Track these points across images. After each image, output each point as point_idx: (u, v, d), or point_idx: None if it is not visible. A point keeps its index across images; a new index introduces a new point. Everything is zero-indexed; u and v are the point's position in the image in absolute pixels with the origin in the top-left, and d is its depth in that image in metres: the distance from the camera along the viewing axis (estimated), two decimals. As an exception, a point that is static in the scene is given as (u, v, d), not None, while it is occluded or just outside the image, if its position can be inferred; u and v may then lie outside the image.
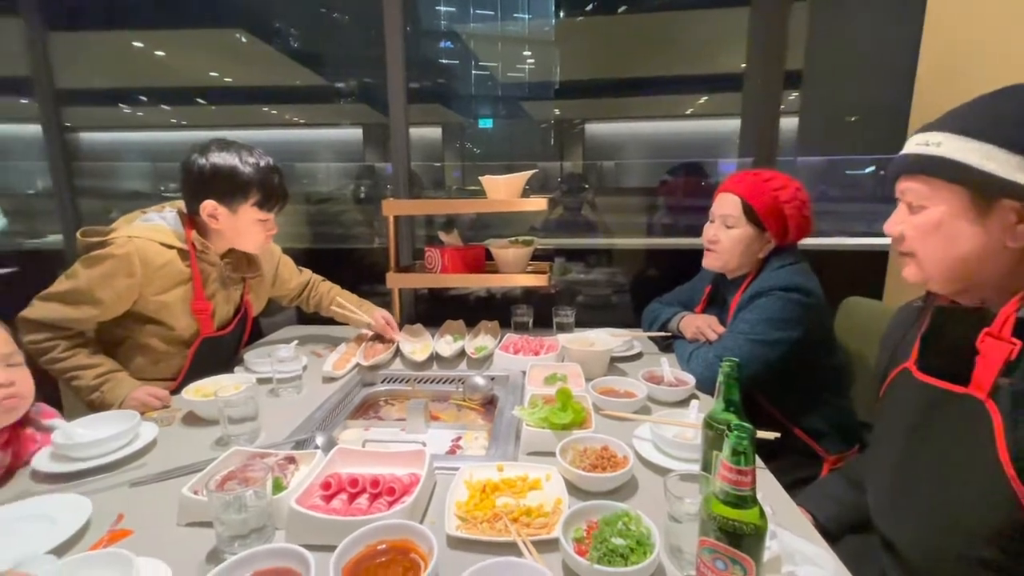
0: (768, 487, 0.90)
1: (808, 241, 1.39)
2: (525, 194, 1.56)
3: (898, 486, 0.84)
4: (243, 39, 4.92)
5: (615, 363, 1.47)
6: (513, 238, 1.71)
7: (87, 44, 3.37)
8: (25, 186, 3.01)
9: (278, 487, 0.83)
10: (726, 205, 1.33)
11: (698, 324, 1.42)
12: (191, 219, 1.27)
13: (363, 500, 0.81)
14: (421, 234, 2.17)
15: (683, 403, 1.17)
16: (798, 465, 1.27)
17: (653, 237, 2.41)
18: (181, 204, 1.30)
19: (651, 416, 1.07)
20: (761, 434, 0.95)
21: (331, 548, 0.66)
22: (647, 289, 1.79)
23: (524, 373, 1.33)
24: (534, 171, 1.60)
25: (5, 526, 0.78)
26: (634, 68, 5.39)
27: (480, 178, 1.58)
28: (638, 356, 1.55)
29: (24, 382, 0.95)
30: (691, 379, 1.24)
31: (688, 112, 6.17)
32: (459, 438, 1.16)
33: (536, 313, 1.76)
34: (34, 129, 2.01)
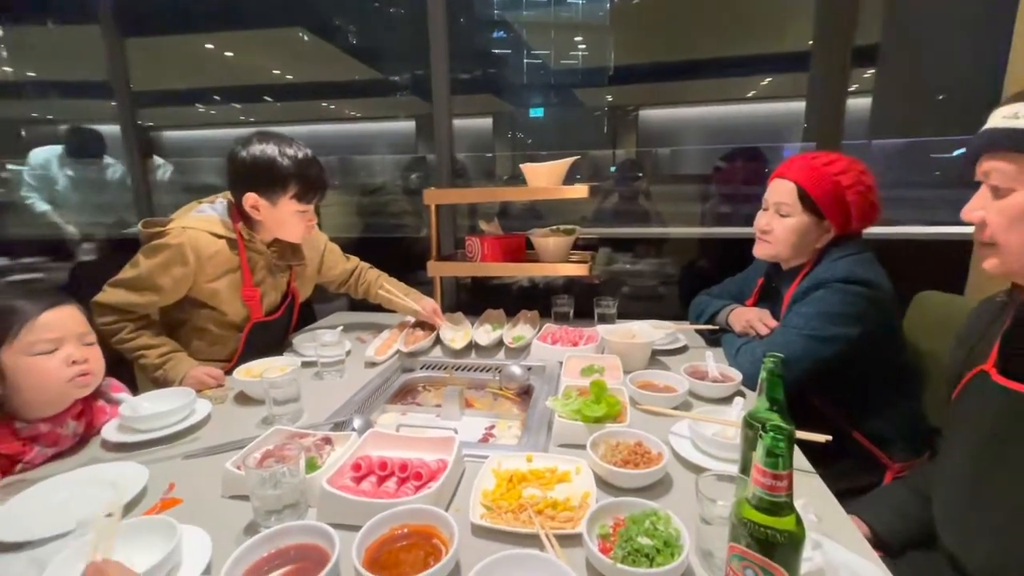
0: (816, 493, 0.83)
1: (877, 230, 1.27)
2: (574, 182, 1.52)
3: (970, 499, 0.76)
4: (305, 37, 5.12)
5: (657, 356, 1.42)
6: (555, 227, 1.68)
7: (164, 48, 3.62)
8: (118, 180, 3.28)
9: (312, 466, 0.86)
10: (780, 192, 1.24)
11: (748, 317, 1.34)
12: (238, 210, 1.33)
13: (391, 484, 0.83)
14: (466, 225, 2.18)
15: (727, 400, 1.11)
16: (857, 472, 1.18)
17: (706, 226, 2.31)
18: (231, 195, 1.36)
19: (690, 412, 1.02)
20: (810, 436, 0.89)
21: (357, 528, 0.68)
22: (697, 280, 1.71)
23: (561, 364, 1.31)
24: (576, 157, 1.56)
25: (76, 489, 0.85)
26: (692, 50, 5.15)
27: (520, 166, 1.56)
28: (682, 350, 1.49)
29: (96, 359, 1.03)
30: (738, 375, 1.18)
31: (750, 95, 5.83)
32: (493, 426, 1.16)
33: (578, 304, 1.73)
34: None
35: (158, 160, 2.64)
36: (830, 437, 0.86)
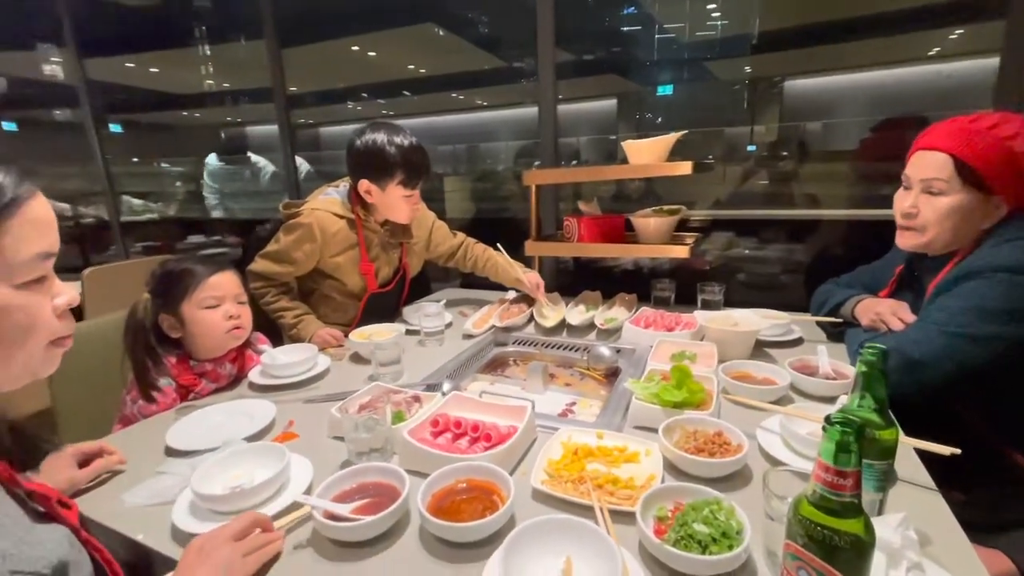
0: (934, 513, 0.71)
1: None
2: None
3: None
4: (440, 32, 5.46)
5: (763, 348, 1.30)
6: (657, 207, 1.61)
7: (317, 54, 4.12)
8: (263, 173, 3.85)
9: (400, 418, 0.96)
10: (928, 166, 1.04)
11: (879, 310, 1.16)
12: (356, 193, 1.49)
13: (464, 441, 0.89)
14: (572, 208, 2.18)
15: (834, 400, 0.99)
16: (1014, 501, 0.97)
17: (854, 208, 2.02)
18: None
19: (783, 407, 0.93)
20: (931, 446, 0.76)
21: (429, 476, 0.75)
22: (828, 268, 1.52)
23: (652, 348, 1.27)
24: (683, 132, 1.47)
25: (227, 416, 1.06)
26: (852, 6, 4.44)
27: (622, 143, 1.52)
28: (796, 342, 1.34)
29: (247, 316, 1.25)
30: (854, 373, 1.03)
31: (931, 53, 4.84)
32: (574, 403, 1.17)
33: (686, 290, 1.65)
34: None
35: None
36: (958, 450, 0.72)
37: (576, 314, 1.53)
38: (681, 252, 1.45)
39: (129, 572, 0.68)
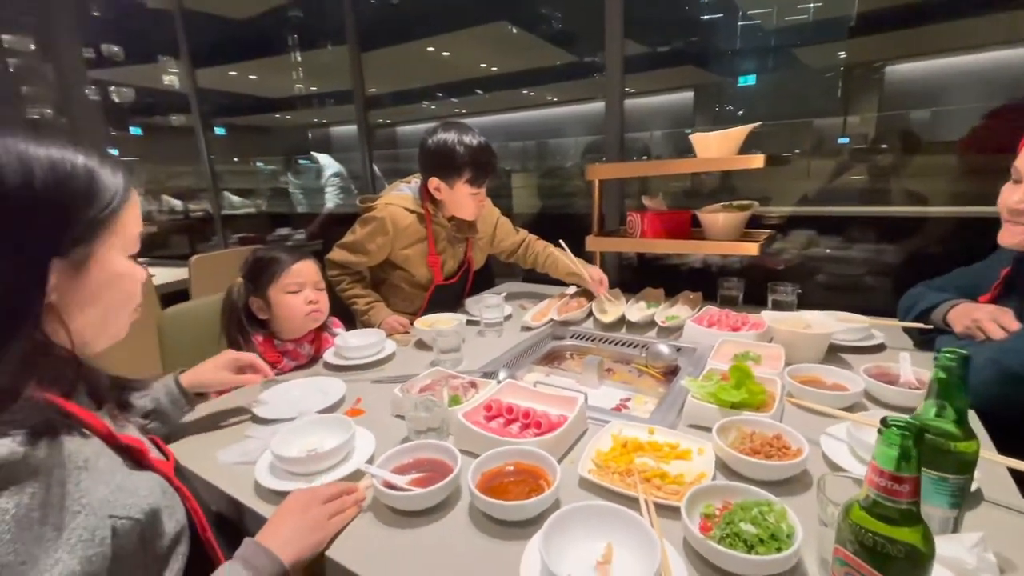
0: (1022, 539, 0.65)
1: None
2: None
3: None
4: (514, 30, 5.52)
5: (838, 353, 1.22)
6: (727, 203, 1.55)
7: (394, 56, 4.32)
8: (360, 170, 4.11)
9: (456, 401, 1.01)
10: (1044, 154, 0.93)
11: (977, 316, 1.05)
12: (426, 190, 1.56)
13: (515, 427, 0.92)
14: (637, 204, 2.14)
15: (912, 410, 0.91)
16: None
17: (957, 205, 1.82)
18: None
19: (852, 414, 0.87)
20: (1018, 464, 0.69)
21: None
22: (920, 271, 1.39)
23: (714, 348, 1.23)
24: (756, 125, 1.40)
25: (304, 390, 1.16)
26: (968, -21, 3.97)
27: (690, 136, 1.47)
28: (877, 349, 1.25)
29: (324, 302, 1.36)
30: (941, 384, 0.95)
31: (1071, 25, 4.19)
32: (628, 399, 1.17)
33: (756, 290, 1.57)
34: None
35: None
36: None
37: (636, 311, 1.52)
38: (750, 249, 1.39)
39: (218, 521, 0.77)
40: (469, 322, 1.54)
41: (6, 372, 0.49)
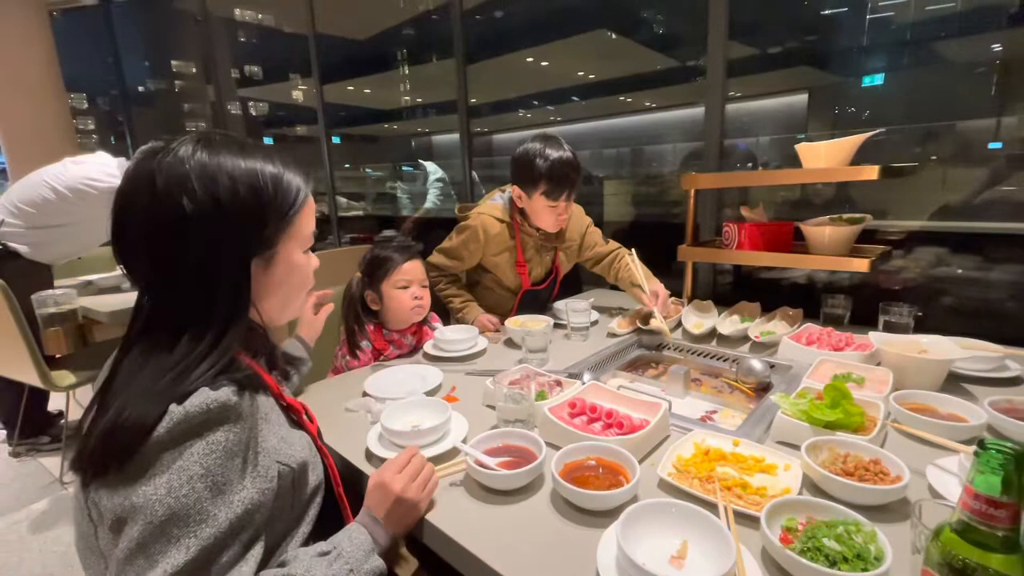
0: None
1: None
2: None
3: None
4: (613, 36, 5.52)
5: (960, 383, 1.12)
6: (836, 216, 1.46)
7: (495, 67, 4.52)
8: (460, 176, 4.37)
9: (542, 396, 1.08)
10: None
11: None
12: (516, 199, 1.64)
13: (597, 425, 0.97)
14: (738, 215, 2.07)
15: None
16: None
17: None
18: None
19: (966, 447, 0.80)
20: None
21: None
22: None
23: (811, 367, 1.18)
24: (875, 132, 1.32)
25: (407, 375, 1.29)
26: None
27: (796, 146, 1.42)
28: (1013, 382, 1.12)
29: (427, 298, 1.50)
30: (1087, 425, 0.84)
31: None
32: (715, 411, 1.16)
33: (865, 310, 1.47)
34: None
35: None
36: None
37: (729, 324, 1.48)
38: (860, 266, 1.31)
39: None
40: (556, 325, 1.60)
41: (232, 342, 0.65)
